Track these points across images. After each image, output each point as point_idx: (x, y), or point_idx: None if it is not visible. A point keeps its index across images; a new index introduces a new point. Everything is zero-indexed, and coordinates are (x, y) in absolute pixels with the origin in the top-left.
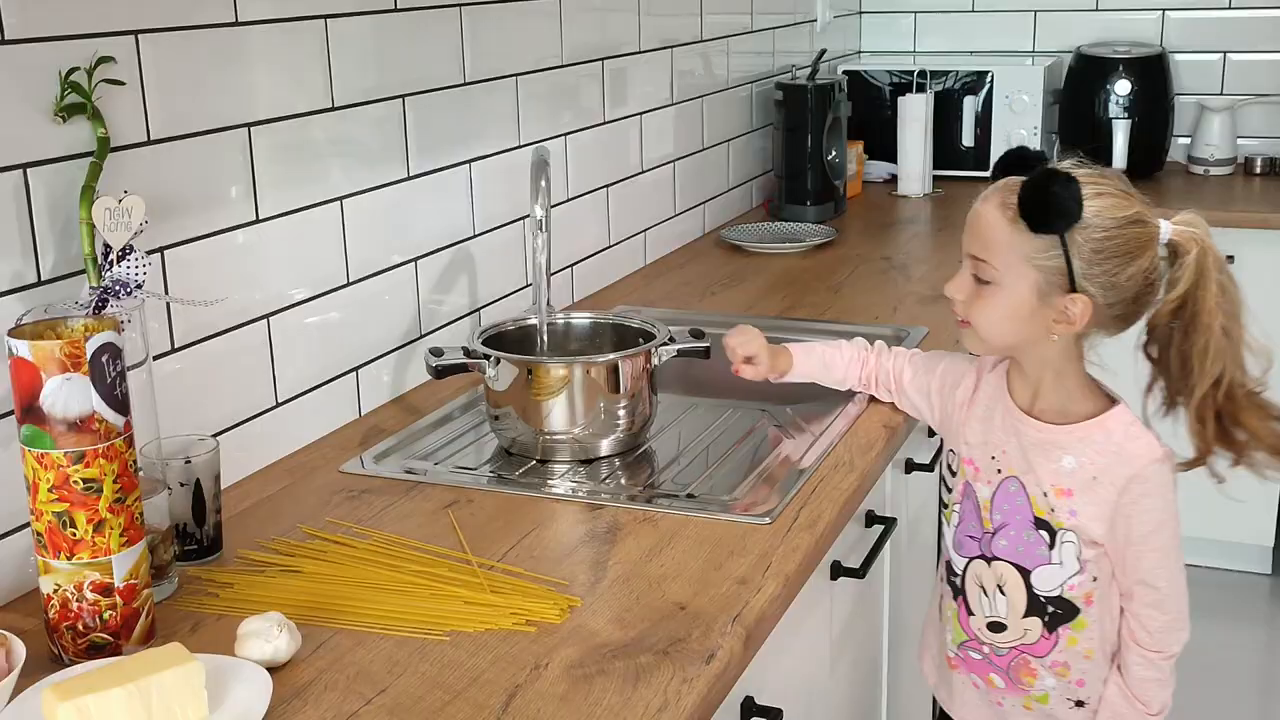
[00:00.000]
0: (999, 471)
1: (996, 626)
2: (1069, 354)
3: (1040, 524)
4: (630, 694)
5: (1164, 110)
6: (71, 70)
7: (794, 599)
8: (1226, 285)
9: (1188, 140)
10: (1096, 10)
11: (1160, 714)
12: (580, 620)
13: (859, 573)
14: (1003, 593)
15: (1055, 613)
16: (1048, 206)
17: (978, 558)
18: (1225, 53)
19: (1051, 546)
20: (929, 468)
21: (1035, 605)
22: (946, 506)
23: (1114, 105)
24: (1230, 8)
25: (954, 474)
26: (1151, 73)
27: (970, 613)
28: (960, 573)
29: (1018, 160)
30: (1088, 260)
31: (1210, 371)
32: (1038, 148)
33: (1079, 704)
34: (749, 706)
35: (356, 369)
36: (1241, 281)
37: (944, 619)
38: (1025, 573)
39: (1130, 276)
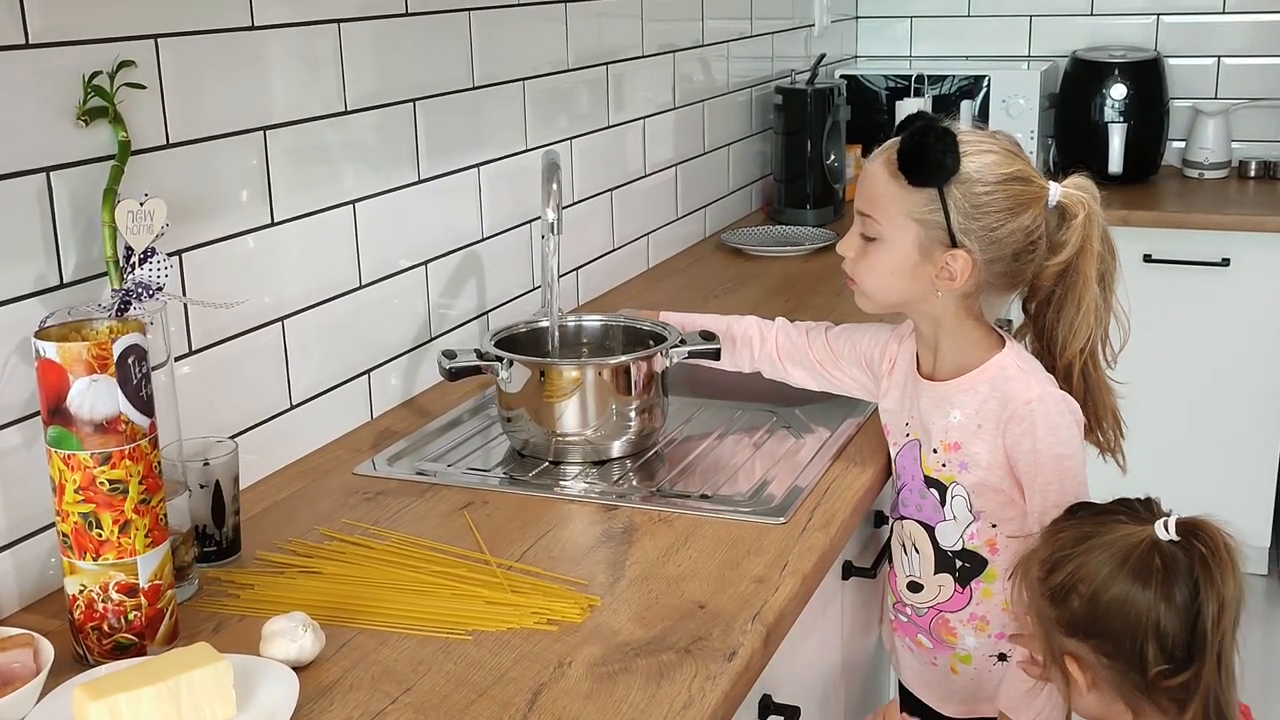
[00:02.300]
0: (907, 435)
1: (914, 586)
2: (960, 313)
3: (931, 482)
4: (655, 691)
5: (1159, 114)
6: (94, 74)
7: (810, 598)
8: (1106, 257)
9: (1182, 144)
10: (1091, 15)
11: None
12: (601, 619)
13: (870, 572)
14: (917, 550)
15: (964, 566)
16: (923, 159)
17: (900, 518)
18: (1219, 57)
19: (943, 503)
20: None
21: (943, 561)
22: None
23: (1109, 109)
24: (1224, 12)
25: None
26: (1146, 77)
27: (895, 573)
28: (889, 533)
29: (909, 123)
30: (966, 215)
31: (1080, 337)
32: (1031, 150)
33: (1002, 657)
34: (767, 704)
35: (368, 372)
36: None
37: (885, 583)
38: (929, 529)
39: (1010, 233)
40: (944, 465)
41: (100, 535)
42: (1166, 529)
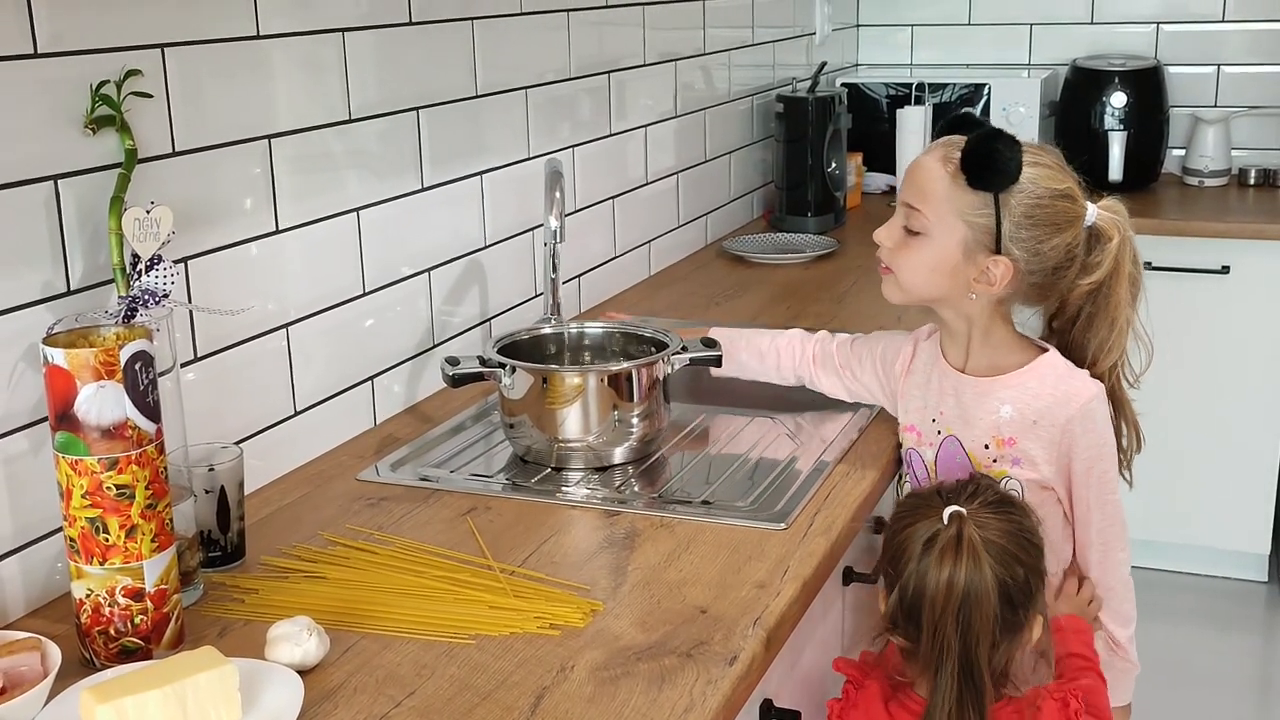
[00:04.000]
0: (939, 433)
1: None
2: (992, 314)
3: (982, 478)
4: (656, 695)
5: (1159, 122)
6: (101, 83)
7: (811, 603)
8: (1137, 279)
9: (1182, 152)
10: (1091, 23)
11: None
12: (603, 624)
13: (871, 578)
14: None
15: None
16: (989, 164)
17: None
18: (1219, 65)
19: None
20: None
21: None
22: (901, 478)
23: (1109, 117)
24: (1223, 20)
25: (900, 446)
26: (1146, 85)
27: None
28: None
29: (962, 123)
30: (1016, 223)
31: (1113, 355)
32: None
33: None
34: (768, 709)
35: (371, 378)
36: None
37: None
38: None
39: (1054, 247)
40: (995, 460)
41: (107, 540)
42: (943, 518)
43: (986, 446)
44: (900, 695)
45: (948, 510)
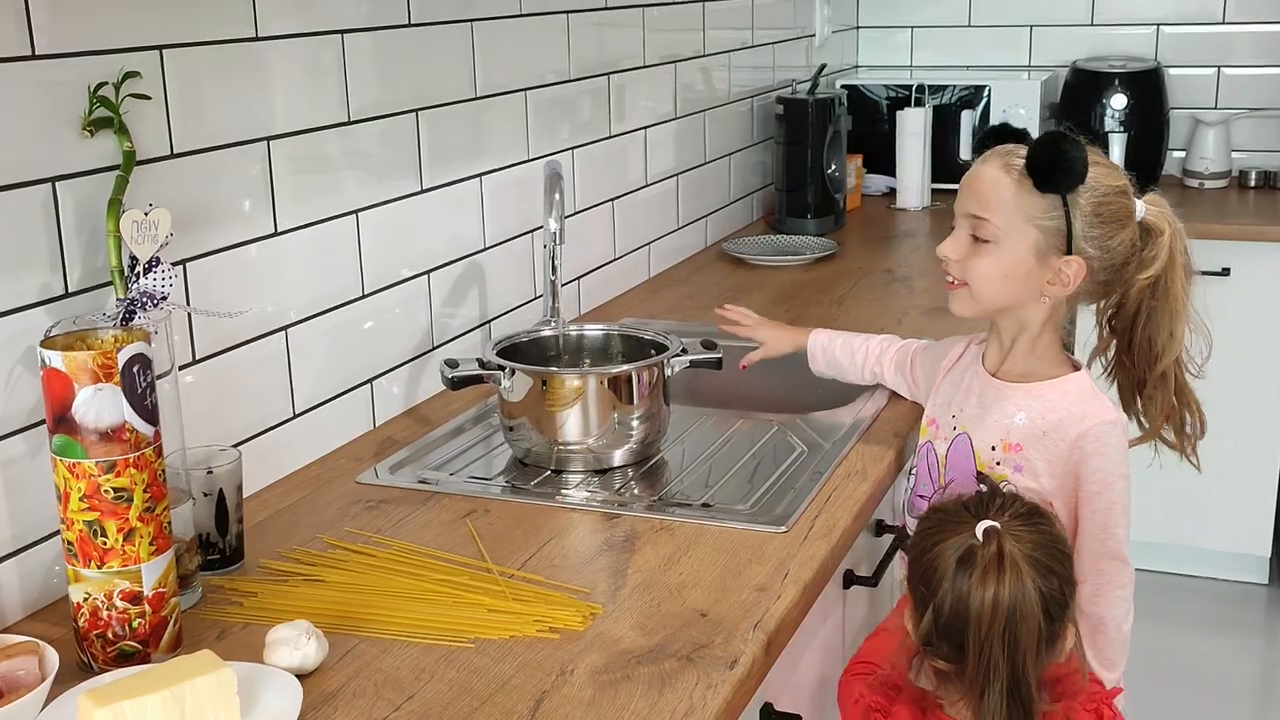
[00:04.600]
0: (954, 429)
1: None
2: (1050, 321)
3: (981, 478)
4: (656, 699)
5: (1159, 124)
6: (99, 85)
7: (811, 606)
8: (1190, 269)
9: (1182, 154)
10: (1091, 25)
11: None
12: (603, 627)
13: (871, 581)
14: None
15: None
16: (1059, 166)
17: None
18: (1219, 67)
19: None
20: None
21: None
22: (911, 471)
23: (1110, 119)
24: (1224, 22)
25: (919, 437)
26: (1146, 87)
27: None
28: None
29: (1002, 133)
30: (1087, 222)
31: (1178, 345)
32: None
33: None
34: (768, 713)
35: (371, 381)
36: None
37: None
38: None
39: (1120, 242)
40: (998, 463)
41: (105, 543)
42: (975, 534)
43: (993, 448)
44: (932, 713)
45: (982, 526)
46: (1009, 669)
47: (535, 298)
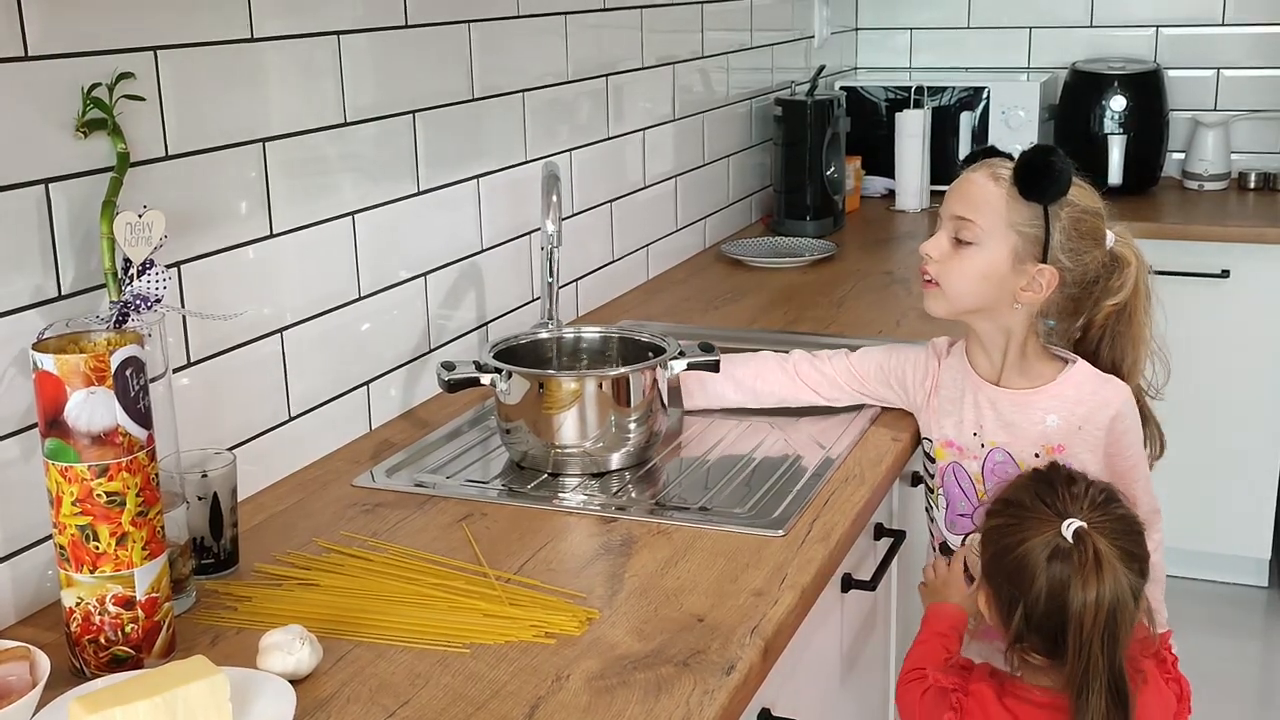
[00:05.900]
0: (983, 446)
1: None
2: (1027, 325)
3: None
4: (653, 705)
5: (1158, 126)
6: (93, 86)
7: (809, 611)
8: (1151, 298)
9: (1182, 155)
10: (1091, 26)
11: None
12: (599, 632)
13: (870, 585)
14: None
15: None
16: (1046, 176)
17: (974, 531)
18: (1218, 69)
19: None
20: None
21: None
22: (932, 492)
23: (1109, 121)
24: (1223, 24)
25: (933, 461)
26: (1146, 88)
27: (972, 580)
28: (958, 549)
29: (990, 154)
30: (1065, 234)
31: (1141, 369)
32: None
33: None
34: (765, 718)
35: (367, 383)
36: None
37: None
38: None
39: (1093, 259)
40: None
41: (97, 548)
42: (1062, 533)
43: (1037, 455)
44: (1011, 687)
45: (1071, 527)
46: (1108, 665)
47: (533, 300)
